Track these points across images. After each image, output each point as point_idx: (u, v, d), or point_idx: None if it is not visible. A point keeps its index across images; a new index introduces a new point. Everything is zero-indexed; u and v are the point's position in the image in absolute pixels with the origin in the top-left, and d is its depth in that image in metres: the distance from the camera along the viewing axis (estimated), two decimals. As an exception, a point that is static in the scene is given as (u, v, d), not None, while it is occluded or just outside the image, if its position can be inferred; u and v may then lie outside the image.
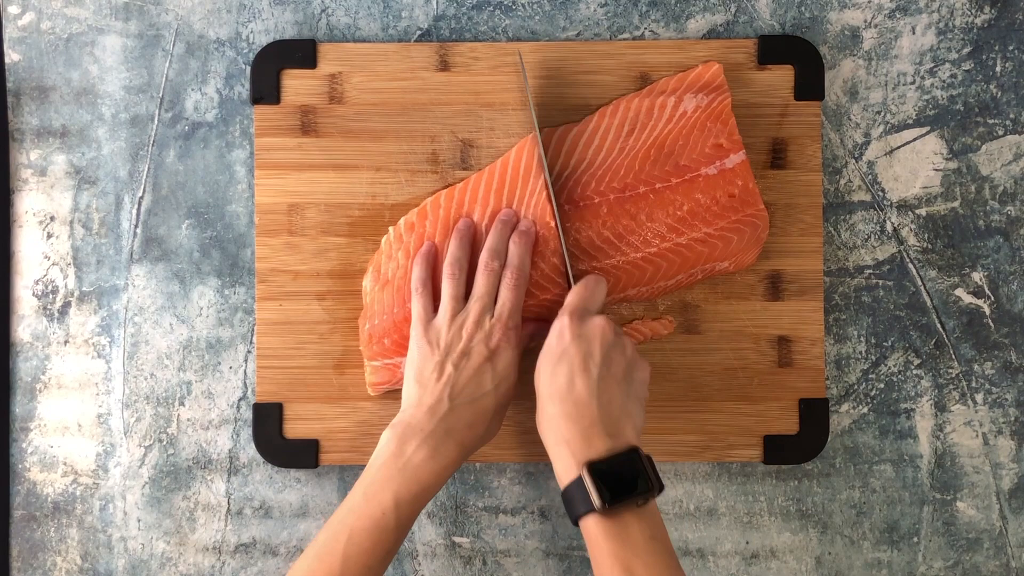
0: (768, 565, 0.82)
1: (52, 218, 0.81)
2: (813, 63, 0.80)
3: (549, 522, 0.82)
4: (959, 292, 0.82)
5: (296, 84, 0.80)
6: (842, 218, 0.82)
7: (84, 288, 0.81)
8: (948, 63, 0.82)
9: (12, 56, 0.82)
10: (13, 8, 0.82)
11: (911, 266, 0.82)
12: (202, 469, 0.81)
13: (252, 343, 0.81)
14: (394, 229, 0.79)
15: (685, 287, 0.80)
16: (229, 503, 0.81)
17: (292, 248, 0.80)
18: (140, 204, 0.82)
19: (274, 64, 0.80)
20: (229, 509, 0.81)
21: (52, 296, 0.81)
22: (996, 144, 0.82)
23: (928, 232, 0.82)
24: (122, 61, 0.82)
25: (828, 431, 0.81)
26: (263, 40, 0.82)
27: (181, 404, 0.81)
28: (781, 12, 0.82)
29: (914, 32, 0.82)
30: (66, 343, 0.81)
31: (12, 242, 0.81)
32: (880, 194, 0.82)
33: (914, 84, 0.82)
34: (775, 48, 0.80)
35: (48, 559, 0.81)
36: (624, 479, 0.65)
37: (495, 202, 0.77)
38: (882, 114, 0.82)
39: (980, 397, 0.82)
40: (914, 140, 0.82)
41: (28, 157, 0.81)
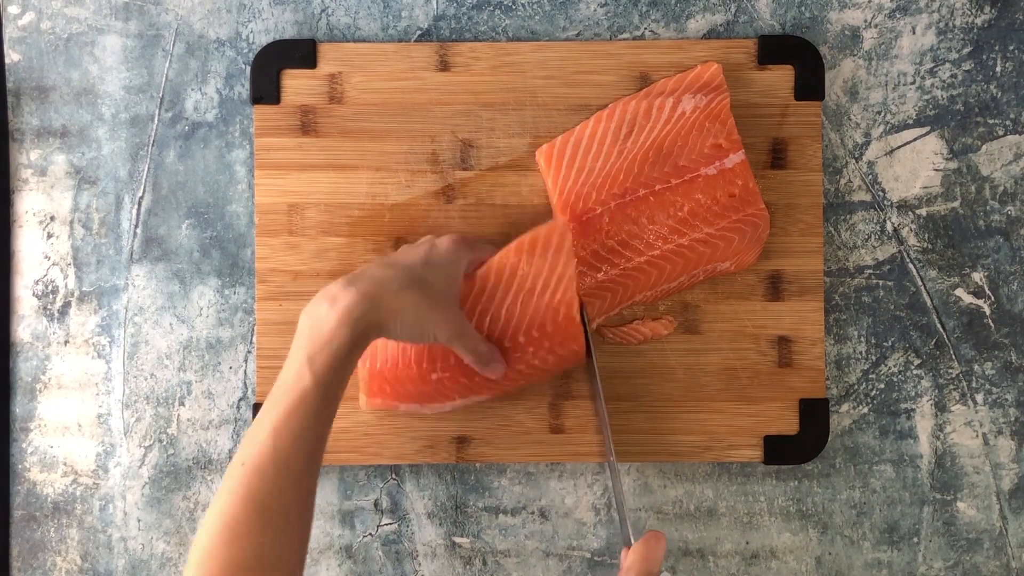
0: (768, 565, 0.82)
1: (52, 218, 0.81)
2: (813, 63, 0.80)
3: (549, 522, 0.82)
4: (959, 292, 0.82)
5: (296, 84, 0.80)
6: (842, 218, 0.82)
7: (84, 288, 0.81)
8: (948, 63, 0.82)
9: (12, 56, 0.82)
10: (13, 8, 0.82)
11: (911, 266, 0.82)
12: (202, 469, 0.81)
13: (252, 343, 0.81)
14: None
15: (687, 288, 0.80)
16: (229, 503, 0.81)
17: (292, 248, 0.80)
18: (140, 204, 0.82)
19: (274, 64, 0.80)
20: (229, 509, 0.81)
21: (52, 296, 0.81)
22: (996, 144, 0.82)
23: (928, 232, 0.82)
24: (122, 61, 0.82)
25: (828, 431, 0.81)
26: (263, 40, 0.82)
27: (181, 404, 0.81)
28: (781, 12, 0.82)
29: (914, 32, 0.82)
30: (66, 343, 0.81)
31: (12, 242, 0.81)
32: (880, 194, 0.82)
33: (914, 84, 0.82)
34: (775, 48, 0.80)
35: (48, 559, 0.81)
36: None
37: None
38: (882, 114, 0.82)
39: (980, 397, 0.82)
40: (914, 140, 0.82)
41: (28, 157, 0.81)
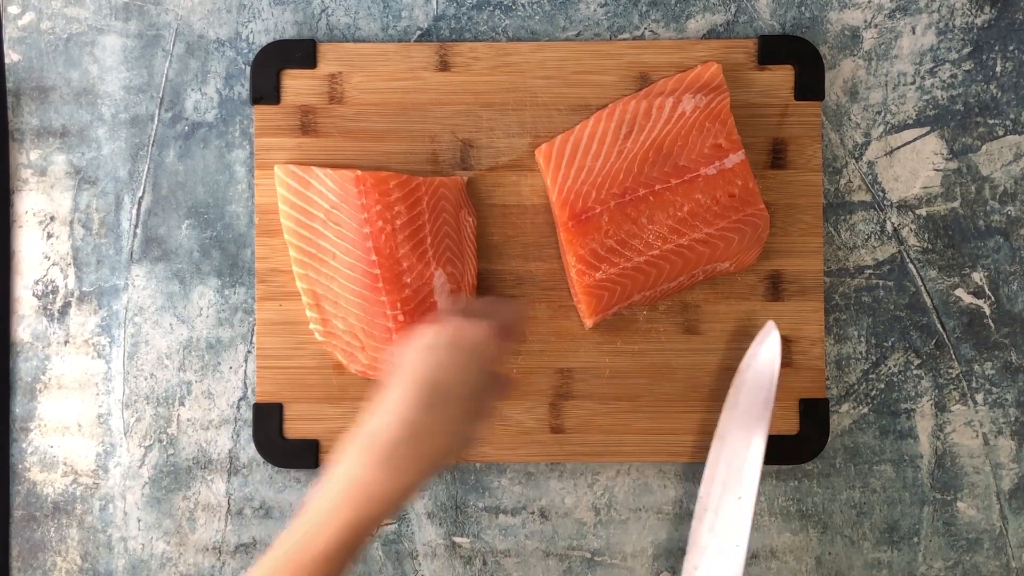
0: (768, 565, 0.82)
1: (52, 218, 0.81)
2: (813, 63, 0.80)
3: (549, 522, 0.82)
4: (959, 292, 0.82)
5: (296, 84, 0.80)
6: (842, 218, 0.82)
7: (84, 288, 0.81)
8: (948, 63, 0.82)
9: (12, 56, 0.82)
10: (13, 8, 0.82)
11: (911, 266, 0.82)
12: (202, 469, 0.81)
13: (252, 343, 0.81)
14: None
15: (686, 288, 0.80)
16: (229, 503, 0.81)
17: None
18: (140, 204, 0.82)
19: (274, 64, 0.80)
20: (229, 509, 0.81)
21: (52, 296, 0.81)
22: (996, 144, 0.82)
23: (928, 232, 0.82)
24: (122, 61, 0.82)
25: (828, 431, 0.81)
26: (263, 40, 0.82)
27: (181, 404, 0.81)
28: (781, 12, 0.82)
29: (914, 32, 0.82)
30: (66, 343, 0.81)
31: (12, 242, 0.81)
32: (880, 194, 0.82)
33: (914, 84, 0.82)
34: (775, 48, 0.80)
35: (48, 559, 0.81)
36: None
37: None
38: (882, 114, 0.82)
39: (980, 397, 0.82)
40: (914, 140, 0.82)
41: (28, 157, 0.81)
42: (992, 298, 0.82)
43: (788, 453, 0.80)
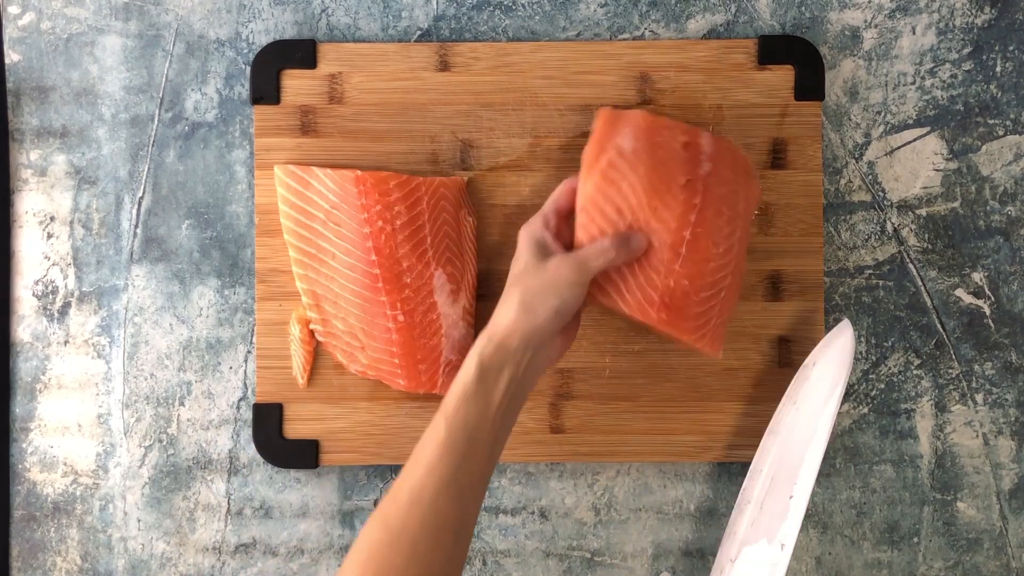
0: (768, 565, 0.82)
1: (52, 218, 0.81)
2: (813, 63, 0.80)
3: (549, 522, 0.82)
4: (959, 292, 0.82)
5: (296, 84, 0.80)
6: (842, 218, 0.82)
7: (84, 288, 0.81)
8: (948, 63, 0.82)
9: (12, 56, 0.82)
10: (13, 8, 0.82)
11: (911, 266, 0.82)
12: (202, 469, 0.81)
13: (252, 343, 0.81)
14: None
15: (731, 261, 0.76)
16: (229, 503, 0.81)
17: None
18: (140, 204, 0.82)
19: (274, 64, 0.80)
20: (229, 509, 0.81)
21: (52, 296, 0.81)
22: (996, 144, 0.82)
23: (928, 232, 0.82)
24: (122, 61, 0.82)
25: (828, 431, 0.81)
26: (263, 40, 0.82)
27: (181, 404, 0.81)
28: (781, 12, 0.82)
29: (914, 32, 0.82)
30: (66, 343, 0.81)
31: (12, 242, 0.81)
32: (880, 194, 0.82)
33: (914, 84, 0.82)
34: (775, 48, 0.80)
35: (48, 559, 0.81)
36: None
37: None
38: (882, 114, 0.82)
39: (980, 397, 0.82)
40: (914, 140, 0.82)
41: (28, 157, 0.81)
42: (992, 298, 0.82)
43: (788, 453, 0.80)
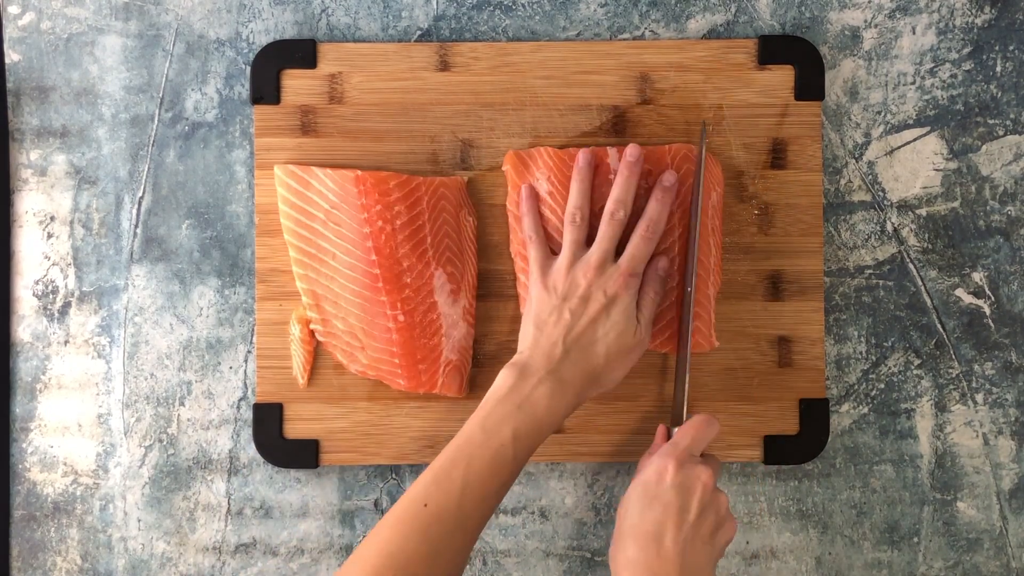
0: (768, 565, 0.82)
1: (52, 218, 0.81)
2: (813, 63, 0.80)
3: (549, 522, 0.82)
4: (959, 292, 0.82)
5: (296, 84, 0.80)
6: (842, 218, 0.82)
7: (84, 288, 0.81)
8: (948, 63, 0.82)
9: (12, 56, 0.82)
10: (13, 8, 0.82)
11: (911, 266, 0.82)
12: (202, 469, 0.81)
13: (252, 343, 0.81)
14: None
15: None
16: (229, 503, 0.81)
17: (292, 248, 0.80)
18: (140, 204, 0.82)
19: (274, 64, 0.80)
20: (229, 509, 0.81)
21: (52, 296, 0.81)
22: (996, 144, 0.82)
23: (928, 232, 0.82)
24: (122, 61, 0.82)
25: (828, 431, 0.81)
26: (263, 40, 0.82)
27: (181, 404, 0.81)
28: (781, 12, 0.82)
29: (914, 32, 0.82)
30: (66, 343, 0.81)
31: (12, 242, 0.81)
32: (880, 194, 0.82)
33: (914, 84, 0.82)
34: (775, 48, 0.80)
35: (48, 559, 0.81)
36: None
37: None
38: (882, 114, 0.82)
39: (980, 397, 0.82)
40: (914, 140, 0.82)
41: (28, 157, 0.81)
42: (992, 298, 0.82)
43: (788, 453, 0.80)
